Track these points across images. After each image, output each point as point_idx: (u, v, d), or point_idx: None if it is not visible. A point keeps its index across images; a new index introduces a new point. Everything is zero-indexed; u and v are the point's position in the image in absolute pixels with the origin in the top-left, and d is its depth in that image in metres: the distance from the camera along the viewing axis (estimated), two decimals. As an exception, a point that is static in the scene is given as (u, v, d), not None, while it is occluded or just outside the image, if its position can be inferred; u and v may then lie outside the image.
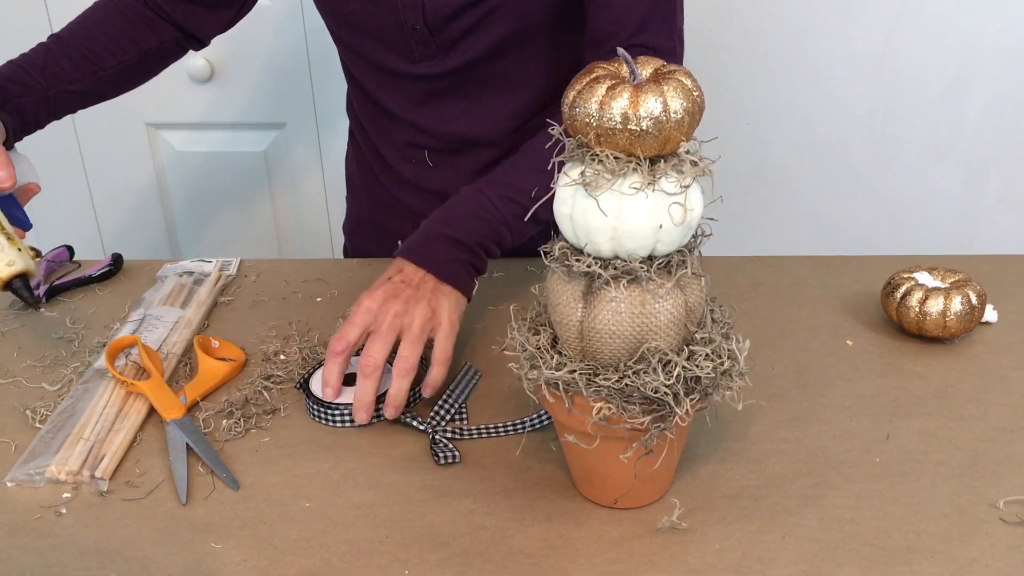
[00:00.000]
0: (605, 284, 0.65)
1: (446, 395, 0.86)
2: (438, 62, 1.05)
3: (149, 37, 1.11)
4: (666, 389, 0.65)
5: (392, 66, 1.07)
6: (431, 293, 0.87)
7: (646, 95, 0.61)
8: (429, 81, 1.08)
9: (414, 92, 1.10)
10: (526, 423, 0.83)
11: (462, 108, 1.09)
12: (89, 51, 1.07)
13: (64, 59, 1.05)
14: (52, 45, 1.06)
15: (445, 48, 1.04)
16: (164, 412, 0.84)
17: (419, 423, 0.83)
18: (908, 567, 0.67)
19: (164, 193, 1.98)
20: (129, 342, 0.93)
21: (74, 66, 1.06)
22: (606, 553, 0.69)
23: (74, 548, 0.71)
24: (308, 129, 1.89)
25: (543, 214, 0.82)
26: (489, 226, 0.91)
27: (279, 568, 0.69)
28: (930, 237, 1.90)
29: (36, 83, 1.02)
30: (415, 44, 1.04)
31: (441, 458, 0.79)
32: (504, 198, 0.92)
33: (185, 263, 1.14)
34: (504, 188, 0.93)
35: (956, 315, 0.91)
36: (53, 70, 1.04)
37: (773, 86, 1.79)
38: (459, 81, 1.07)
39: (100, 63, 1.07)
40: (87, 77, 1.07)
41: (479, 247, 0.91)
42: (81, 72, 1.06)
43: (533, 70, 1.06)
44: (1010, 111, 1.78)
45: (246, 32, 1.76)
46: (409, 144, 1.14)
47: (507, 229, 0.93)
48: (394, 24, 1.03)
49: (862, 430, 0.82)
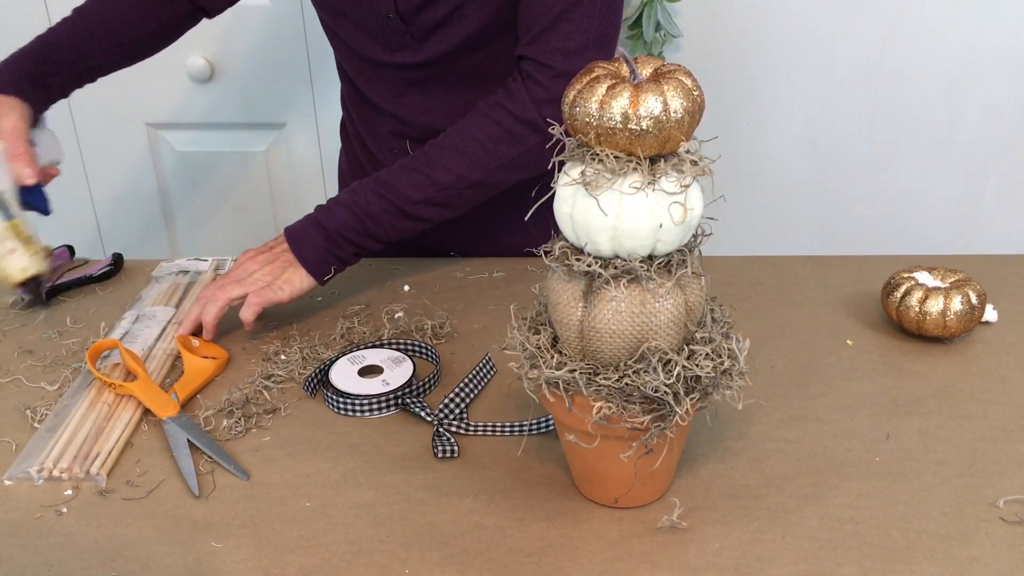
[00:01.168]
0: (605, 283, 0.65)
1: (458, 388, 0.86)
2: (414, 52, 1.07)
3: (165, 8, 1.14)
4: (666, 388, 0.65)
5: (372, 54, 1.09)
6: (286, 263, 1.01)
7: (646, 94, 0.61)
8: (407, 71, 1.09)
9: (395, 82, 1.11)
10: (530, 426, 0.83)
11: (439, 100, 1.10)
12: (109, 23, 1.11)
13: (86, 33, 1.10)
14: (77, 20, 1.11)
15: (419, 38, 1.05)
16: (159, 411, 0.85)
17: (427, 413, 0.83)
18: (908, 566, 0.67)
19: (164, 193, 1.98)
20: (109, 345, 0.93)
21: (96, 39, 1.10)
22: (606, 552, 0.69)
23: (75, 547, 0.71)
24: (308, 129, 1.89)
25: (423, 213, 1.01)
26: (355, 218, 1.00)
27: (280, 567, 0.69)
28: (930, 237, 1.90)
29: (63, 59, 1.08)
30: (390, 32, 1.05)
31: (439, 452, 0.79)
32: (377, 194, 1.00)
33: (180, 262, 1.14)
34: (379, 185, 1.01)
35: (956, 315, 0.91)
36: (79, 46, 1.09)
37: (773, 86, 1.79)
38: (436, 73, 1.08)
39: (119, 36, 1.12)
40: (109, 50, 1.12)
41: (339, 236, 1.00)
42: (102, 45, 1.11)
43: (507, 65, 1.06)
44: (1010, 112, 1.78)
45: (246, 32, 1.76)
46: (392, 134, 1.15)
47: (374, 222, 1.00)
48: (369, 12, 1.05)
49: (862, 430, 0.82)
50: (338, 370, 0.90)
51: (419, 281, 1.10)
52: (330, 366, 0.91)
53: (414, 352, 0.95)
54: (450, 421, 0.83)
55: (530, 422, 0.83)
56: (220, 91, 1.86)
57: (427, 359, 0.95)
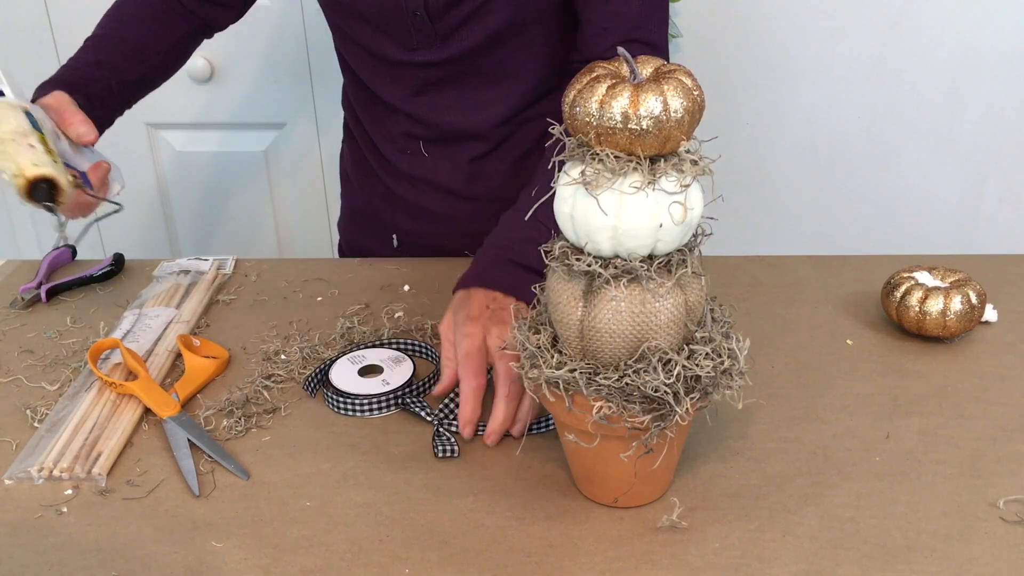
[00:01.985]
0: (605, 283, 0.65)
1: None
2: (436, 51, 1.06)
3: (176, 26, 1.14)
4: (666, 388, 0.65)
5: (390, 55, 1.08)
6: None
7: (646, 94, 0.61)
8: (427, 70, 1.08)
9: (411, 82, 1.10)
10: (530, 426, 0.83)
11: (458, 98, 1.10)
12: (131, 43, 1.09)
13: (113, 52, 1.08)
14: (99, 42, 1.09)
15: (443, 36, 1.04)
16: (159, 410, 0.85)
17: (427, 413, 0.83)
18: (908, 566, 0.67)
19: (164, 193, 1.98)
20: (110, 344, 0.93)
21: (124, 58, 1.08)
22: (606, 552, 0.69)
23: (75, 547, 0.71)
24: (308, 129, 1.89)
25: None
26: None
27: (280, 567, 0.69)
28: (930, 237, 1.90)
29: (100, 79, 1.05)
30: (414, 32, 1.04)
31: (440, 451, 0.79)
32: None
33: (181, 261, 1.14)
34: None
35: (956, 314, 0.91)
36: (108, 63, 1.07)
37: (773, 86, 1.80)
38: (456, 71, 1.08)
39: (144, 53, 1.10)
40: (138, 67, 1.10)
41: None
42: (131, 63, 1.09)
43: (528, 62, 1.06)
44: (1010, 112, 1.78)
45: (246, 32, 1.76)
46: (405, 134, 1.15)
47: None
48: (394, 10, 1.03)
49: (862, 429, 0.82)
50: (338, 370, 0.90)
51: (419, 281, 1.10)
52: (330, 366, 0.91)
53: (414, 352, 0.95)
54: (450, 421, 0.83)
55: (537, 420, 0.83)
56: (220, 91, 1.86)
57: (427, 359, 0.95)
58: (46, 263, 1.12)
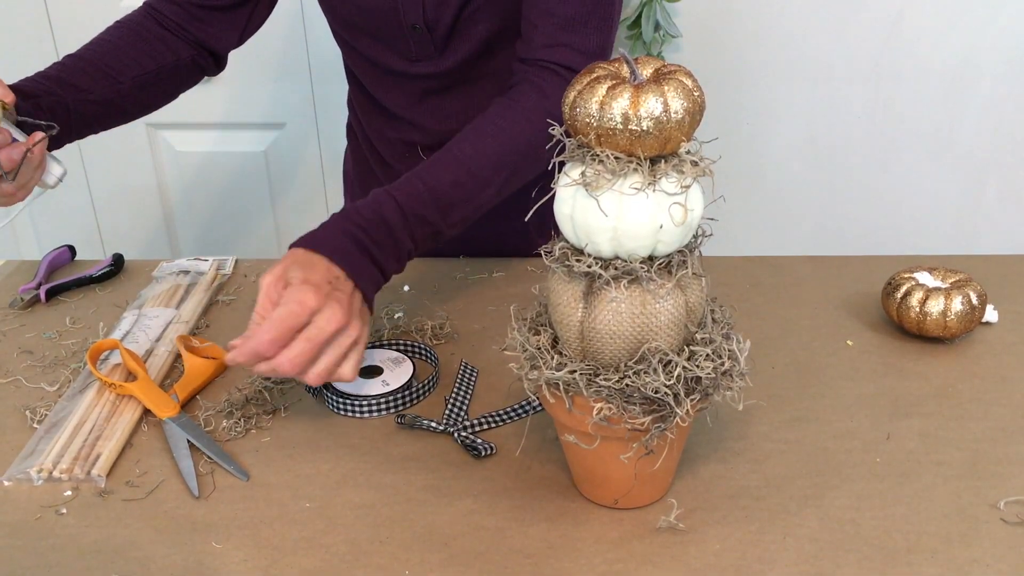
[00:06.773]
0: (606, 284, 0.65)
1: (452, 397, 0.87)
2: (435, 61, 1.06)
3: (165, 53, 1.10)
4: (666, 389, 0.65)
5: (391, 65, 1.08)
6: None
7: (647, 95, 0.61)
8: (427, 80, 1.08)
9: (413, 90, 1.10)
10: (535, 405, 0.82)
11: (459, 106, 1.10)
12: (105, 65, 1.05)
13: (80, 73, 1.03)
14: (67, 61, 1.05)
15: (441, 47, 1.05)
16: (159, 411, 0.85)
17: (436, 425, 0.83)
18: (908, 567, 0.67)
19: (164, 193, 1.98)
20: (109, 345, 0.93)
21: (91, 79, 1.04)
22: (606, 553, 0.69)
23: (75, 548, 0.71)
24: (308, 129, 1.89)
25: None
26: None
27: (279, 568, 0.69)
28: (930, 237, 1.90)
29: (54, 92, 1.00)
30: (413, 44, 1.04)
31: (482, 451, 0.79)
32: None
33: (181, 262, 1.14)
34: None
35: (956, 315, 0.91)
36: (71, 82, 1.02)
37: (773, 86, 1.80)
38: (456, 79, 1.08)
39: (117, 76, 1.05)
40: (106, 88, 1.04)
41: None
42: (99, 84, 1.04)
43: None
44: (1010, 111, 1.78)
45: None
46: (405, 140, 1.15)
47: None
48: (393, 24, 1.03)
49: (862, 430, 0.82)
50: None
51: (419, 281, 1.10)
52: None
53: (414, 352, 0.95)
54: (462, 424, 0.83)
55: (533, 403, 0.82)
56: (220, 91, 1.86)
57: (426, 360, 0.95)
58: (45, 263, 1.12)
